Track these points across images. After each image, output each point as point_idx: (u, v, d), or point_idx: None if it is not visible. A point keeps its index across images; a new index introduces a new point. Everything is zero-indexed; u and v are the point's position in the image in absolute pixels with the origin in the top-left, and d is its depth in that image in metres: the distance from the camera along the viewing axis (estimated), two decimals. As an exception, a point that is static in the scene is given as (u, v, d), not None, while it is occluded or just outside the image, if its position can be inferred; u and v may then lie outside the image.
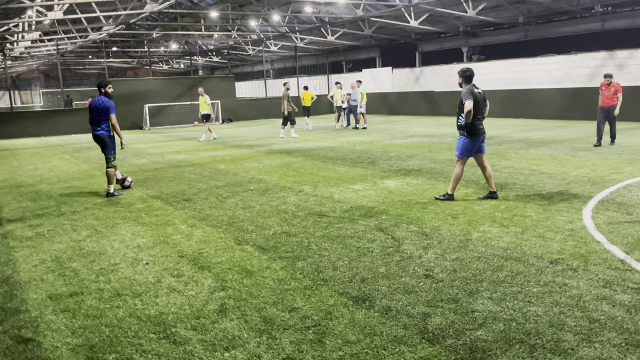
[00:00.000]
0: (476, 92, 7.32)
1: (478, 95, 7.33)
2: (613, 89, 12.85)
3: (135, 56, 48.32)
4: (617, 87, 12.85)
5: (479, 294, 4.31)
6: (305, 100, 21.97)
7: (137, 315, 4.19)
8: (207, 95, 18.60)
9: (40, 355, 3.62)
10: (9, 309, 4.42)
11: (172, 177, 10.82)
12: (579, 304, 4.05)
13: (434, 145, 14.48)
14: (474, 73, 7.47)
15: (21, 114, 26.49)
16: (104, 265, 5.42)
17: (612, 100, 12.89)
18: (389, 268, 5.00)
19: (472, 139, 7.46)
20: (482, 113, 7.49)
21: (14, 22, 22.58)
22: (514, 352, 3.39)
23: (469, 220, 6.58)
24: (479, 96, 7.35)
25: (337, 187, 9.08)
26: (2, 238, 6.62)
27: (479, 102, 7.34)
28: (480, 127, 7.47)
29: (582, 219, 6.43)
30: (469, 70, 7.43)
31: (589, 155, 11.66)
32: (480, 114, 7.43)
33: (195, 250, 5.82)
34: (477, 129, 7.42)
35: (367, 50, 35.28)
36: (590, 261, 4.96)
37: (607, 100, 12.96)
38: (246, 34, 33.70)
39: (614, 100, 12.87)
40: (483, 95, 7.50)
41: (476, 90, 7.34)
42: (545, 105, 22.27)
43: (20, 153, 17.13)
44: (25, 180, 11.33)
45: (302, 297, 4.40)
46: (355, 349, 3.51)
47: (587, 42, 23.06)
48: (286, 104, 18.22)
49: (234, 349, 3.60)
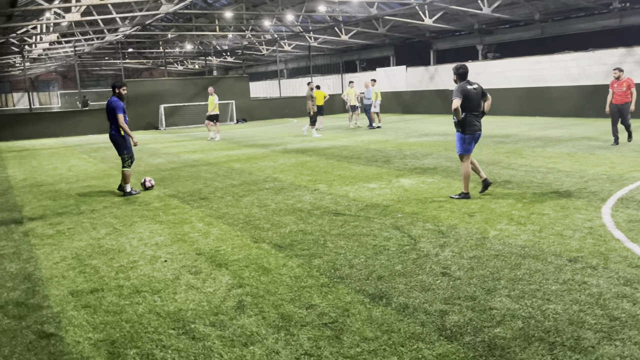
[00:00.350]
0: (469, 89, 7.39)
1: (471, 92, 7.40)
2: (625, 84, 12.26)
3: (151, 57, 48.75)
4: (630, 82, 12.27)
5: (496, 292, 4.29)
6: (317, 100, 21.99)
7: (157, 311, 4.25)
8: (216, 95, 18.56)
9: (62, 350, 3.68)
10: (31, 304, 4.50)
11: (188, 176, 10.91)
12: (599, 302, 4.02)
13: (450, 144, 14.41)
14: (467, 70, 7.54)
15: (40, 114, 26.90)
16: (123, 263, 5.50)
17: (625, 97, 12.31)
18: (405, 266, 5.00)
19: (467, 135, 7.56)
20: (478, 109, 7.55)
21: (32, 24, 22.91)
22: (533, 349, 3.38)
23: (485, 218, 6.55)
24: (473, 93, 7.42)
25: (352, 185, 9.08)
26: (23, 236, 6.74)
27: (471, 99, 7.41)
28: (475, 124, 7.54)
29: (601, 217, 6.36)
30: (462, 67, 7.50)
31: (607, 153, 11.52)
32: (475, 110, 7.50)
33: (213, 248, 5.87)
34: (472, 125, 7.52)
35: (381, 49, 35.18)
36: (610, 259, 4.91)
37: (619, 97, 12.38)
38: (260, 34, 33.82)
39: (628, 97, 12.29)
40: (481, 90, 7.56)
41: (470, 87, 7.41)
42: (561, 103, 22.03)
43: (39, 153, 17.38)
44: (45, 179, 11.50)
45: (319, 295, 4.42)
46: (373, 346, 3.52)
47: (604, 38, 22.75)
48: (310, 103, 18.26)
49: (252, 344, 3.63)
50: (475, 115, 7.52)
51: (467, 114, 7.46)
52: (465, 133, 7.55)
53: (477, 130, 7.58)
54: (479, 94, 7.52)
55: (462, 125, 7.52)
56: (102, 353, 3.61)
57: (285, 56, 44.24)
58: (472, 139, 7.60)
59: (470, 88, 7.41)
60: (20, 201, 9.09)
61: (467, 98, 7.37)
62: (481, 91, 7.56)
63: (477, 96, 7.48)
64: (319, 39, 33.71)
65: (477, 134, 7.62)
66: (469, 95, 7.38)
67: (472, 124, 7.51)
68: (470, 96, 7.40)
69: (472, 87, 7.43)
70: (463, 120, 7.46)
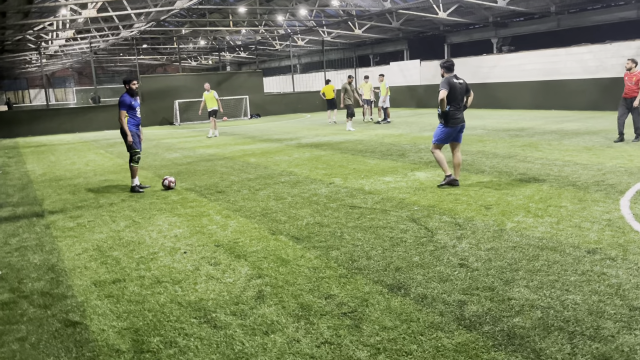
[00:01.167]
0: (454, 82, 7.71)
1: (456, 85, 7.72)
2: (635, 78, 11.67)
3: (165, 53, 49.06)
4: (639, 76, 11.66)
5: (515, 283, 4.30)
6: (327, 94, 22.02)
7: (178, 301, 4.32)
8: (213, 91, 18.22)
9: (88, 338, 3.77)
10: (56, 294, 4.61)
11: (205, 171, 11.01)
12: (618, 292, 4.01)
13: (464, 138, 14.28)
14: (453, 64, 7.91)
15: (56, 111, 27.22)
16: (144, 254, 5.59)
17: (634, 90, 11.72)
18: (423, 257, 5.02)
19: (448, 127, 7.90)
20: (460, 102, 7.86)
21: (49, 20, 23.19)
22: (553, 338, 3.39)
23: (502, 210, 6.54)
24: (458, 86, 7.74)
25: (367, 179, 9.11)
26: (45, 228, 6.87)
27: (456, 92, 7.72)
28: (458, 116, 7.87)
29: (619, 209, 6.32)
30: (448, 61, 7.92)
31: (624, 146, 11.40)
32: (457, 103, 7.81)
33: (231, 239, 5.94)
34: (454, 118, 7.83)
35: (395, 43, 35.04)
36: (629, 251, 4.89)
37: (628, 90, 11.85)
38: (273, 29, 33.87)
39: (636, 92, 11.70)
40: (465, 86, 7.90)
41: (455, 81, 7.74)
42: (578, 96, 21.79)
43: (57, 148, 17.63)
44: (64, 174, 11.68)
45: (338, 285, 4.46)
46: (392, 335, 3.56)
47: (622, 30, 22.45)
48: (344, 96, 18.31)
49: (273, 333, 3.69)
50: (458, 108, 7.85)
51: (451, 106, 7.77)
52: (448, 125, 7.89)
53: (460, 122, 7.93)
54: (464, 89, 7.87)
55: (445, 118, 7.84)
56: (127, 340, 3.70)
57: (298, 51, 44.26)
58: (453, 131, 7.95)
59: (456, 82, 7.75)
60: (41, 195, 9.25)
61: (452, 91, 7.69)
62: (465, 86, 7.91)
63: (461, 90, 7.83)
64: (332, 33, 33.68)
65: (459, 126, 7.98)
66: (454, 88, 7.70)
67: (455, 116, 7.85)
68: (456, 89, 7.73)
69: (457, 81, 7.77)
70: (447, 112, 7.77)
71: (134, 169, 9.15)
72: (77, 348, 3.63)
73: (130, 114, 8.98)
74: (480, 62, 26.66)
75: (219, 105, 18.13)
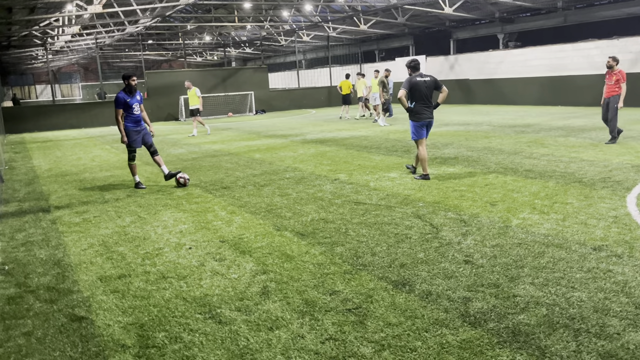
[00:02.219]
0: (417, 81, 8.19)
1: (418, 83, 8.17)
2: (615, 77, 11.07)
3: (170, 48, 49.05)
4: (619, 75, 11.06)
5: (520, 280, 4.29)
6: (343, 89, 21.90)
7: (183, 296, 4.34)
8: (196, 88, 17.64)
9: (94, 332, 3.79)
10: (62, 289, 4.63)
11: (210, 166, 11.02)
12: (624, 289, 3.99)
13: (470, 134, 14.30)
14: (418, 63, 8.38)
15: (62, 106, 27.31)
16: (149, 250, 5.60)
17: (614, 90, 11.16)
18: (427, 254, 5.02)
19: (414, 122, 8.38)
20: (426, 100, 8.27)
21: (55, 16, 23.22)
22: (558, 335, 3.38)
23: (507, 207, 6.52)
24: (422, 84, 8.19)
25: (372, 175, 9.09)
26: (51, 223, 6.90)
27: (419, 90, 8.19)
28: (424, 112, 8.30)
29: (626, 206, 6.29)
30: (413, 61, 8.39)
31: (631, 142, 11.33)
32: (423, 101, 8.25)
33: (236, 235, 5.95)
34: (419, 114, 8.31)
35: (400, 38, 34.89)
36: (636, 248, 4.86)
37: (608, 89, 11.32)
38: (278, 25, 33.79)
39: (616, 91, 11.12)
40: (434, 83, 8.28)
41: (419, 79, 8.20)
42: (585, 92, 21.65)
43: (62, 144, 17.69)
44: (70, 169, 11.72)
45: (342, 281, 4.46)
46: (397, 331, 3.56)
47: (629, 26, 22.27)
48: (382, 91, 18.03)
49: (277, 329, 3.69)
50: (424, 105, 8.27)
51: (416, 103, 8.26)
52: (414, 120, 8.38)
53: (425, 118, 8.33)
54: (430, 86, 8.25)
55: (411, 114, 8.37)
56: (132, 335, 3.71)
57: (303, 47, 44.15)
58: (421, 125, 8.38)
59: (420, 80, 8.20)
60: (47, 190, 9.29)
61: (414, 89, 8.19)
62: (434, 83, 8.28)
63: (427, 88, 8.22)
64: (337, 29, 33.56)
65: (426, 122, 8.37)
66: (416, 87, 8.18)
67: (419, 112, 8.30)
68: (418, 87, 8.18)
69: (422, 79, 8.22)
70: (411, 109, 8.29)
71: (132, 167, 9.08)
72: (83, 343, 3.64)
73: (127, 112, 8.72)
74: (487, 58, 26.53)
75: (200, 103, 17.53)
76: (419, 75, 8.27)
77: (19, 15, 22.08)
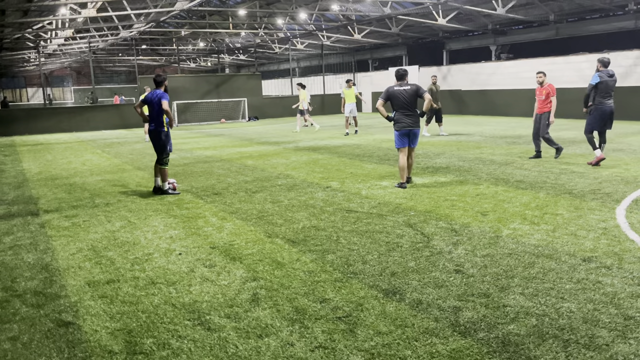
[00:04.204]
0: (395, 90, 8.39)
1: (396, 93, 8.37)
2: (545, 91, 10.78)
3: (164, 54, 49.02)
4: (550, 90, 10.80)
5: (510, 290, 4.29)
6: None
7: (172, 302, 4.30)
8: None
9: (80, 338, 3.74)
10: (49, 294, 4.57)
11: (201, 172, 10.98)
12: (613, 301, 4.01)
13: (462, 144, 14.37)
14: (405, 73, 8.56)
15: (54, 110, 27.14)
16: (139, 255, 5.56)
17: (544, 105, 10.91)
18: (418, 263, 5.02)
19: (396, 130, 8.54)
20: (409, 107, 8.38)
21: (48, 19, 23.15)
22: (547, 346, 3.38)
23: (498, 217, 6.54)
24: (401, 93, 8.35)
25: (364, 183, 9.10)
26: (40, 227, 6.84)
27: (398, 99, 8.36)
28: (403, 121, 8.42)
29: (615, 217, 6.33)
30: (398, 70, 8.60)
31: (621, 155, 11.43)
32: (404, 109, 8.39)
33: (227, 242, 5.92)
34: (399, 123, 8.46)
35: (394, 48, 35.09)
36: (625, 259, 4.89)
37: (540, 104, 11.03)
38: (273, 32, 33.88)
39: (547, 107, 10.86)
40: (415, 91, 8.39)
41: (397, 89, 8.39)
42: (575, 105, 21.73)
43: (53, 147, 17.57)
44: (60, 173, 11.63)
45: (333, 289, 4.45)
46: (387, 340, 3.55)
47: (620, 40, 22.54)
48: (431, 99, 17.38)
49: (267, 336, 3.67)
50: (404, 114, 8.40)
51: (397, 112, 8.45)
52: (395, 129, 8.53)
53: (407, 126, 8.44)
54: (411, 95, 8.37)
55: (394, 123, 8.53)
56: (120, 342, 3.67)
57: (297, 54, 44.29)
58: (403, 134, 8.51)
59: (398, 89, 8.39)
60: (36, 194, 9.21)
61: (392, 98, 8.44)
62: (415, 92, 8.39)
63: (405, 97, 8.35)
64: (331, 37, 33.70)
65: (407, 130, 8.48)
66: (393, 95, 8.41)
67: (399, 121, 8.46)
68: (396, 96, 8.39)
69: (400, 89, 8.39)
70: (391, 118, 8.50)
71: (165, 172, 8.77)
72: (70, 348, 3.60)
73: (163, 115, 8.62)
74: (479, 69, 26.72)
75: None
76: (399, 84, 8.46)
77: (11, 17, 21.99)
